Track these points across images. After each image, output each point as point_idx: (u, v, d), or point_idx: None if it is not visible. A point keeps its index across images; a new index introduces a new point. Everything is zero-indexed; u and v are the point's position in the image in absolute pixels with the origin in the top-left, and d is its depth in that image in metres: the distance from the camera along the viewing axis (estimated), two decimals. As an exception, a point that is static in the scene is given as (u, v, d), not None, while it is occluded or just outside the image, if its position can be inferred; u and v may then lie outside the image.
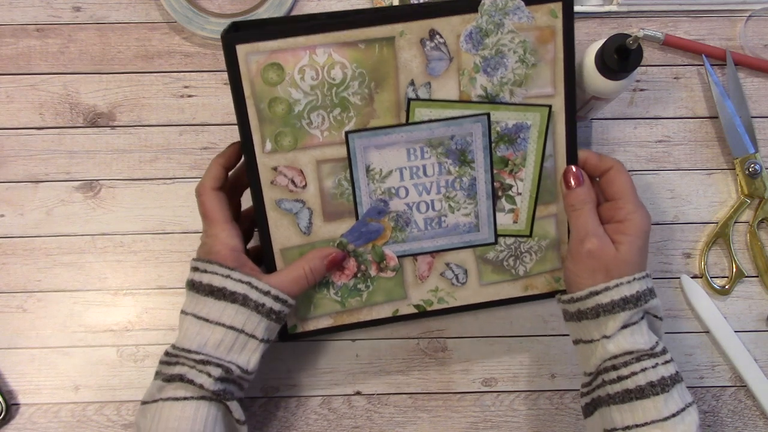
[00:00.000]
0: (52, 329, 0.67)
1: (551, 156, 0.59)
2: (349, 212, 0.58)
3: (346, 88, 0.56)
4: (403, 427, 0.67)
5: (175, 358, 0.53)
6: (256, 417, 0.66)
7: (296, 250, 0.59)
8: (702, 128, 0.71)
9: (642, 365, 0.52)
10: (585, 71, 0.59)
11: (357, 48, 0.55)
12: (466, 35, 0.56)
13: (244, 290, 0.54)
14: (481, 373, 0.68)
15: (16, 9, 0.70)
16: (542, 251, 0.61)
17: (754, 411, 0.68)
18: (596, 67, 0.58)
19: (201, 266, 0.54)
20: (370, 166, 0.58)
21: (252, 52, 0.54)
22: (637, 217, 0.55)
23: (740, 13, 0.72)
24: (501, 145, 0.59)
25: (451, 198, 0.60)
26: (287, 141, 0.56)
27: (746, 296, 0.69)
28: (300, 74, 0.55)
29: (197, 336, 0.53)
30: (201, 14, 0.69)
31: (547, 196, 0.60)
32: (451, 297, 0.62)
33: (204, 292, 0.54)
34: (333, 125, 0.56)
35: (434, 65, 0.56)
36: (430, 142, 0.58)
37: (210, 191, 0.56)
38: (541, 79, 0.57)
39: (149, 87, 0.70)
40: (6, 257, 0.67)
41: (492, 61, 0.57)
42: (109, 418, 0.66)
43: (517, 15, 0.56)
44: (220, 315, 0.53)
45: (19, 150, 0.69)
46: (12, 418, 0.65)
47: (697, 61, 0.72)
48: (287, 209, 0.58)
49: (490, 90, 0.57)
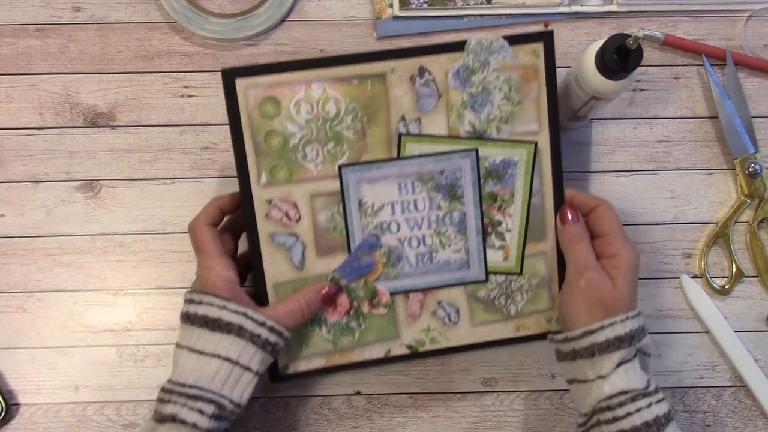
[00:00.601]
0: (52, 329, 0.67)
1: (539, 192, 0.60)
2: (342, 247, 0.59)
3: (340, 122, 0.57)
4: (403, 427, 0.67)
5: (169, 395, 0.53)
6: (256, 417, 0.66)
7: (289, 286, 0.59)
8: (702, 128, 0.71)
9: (637, 405, 0.53)
10: (585, 71, 0.59)
11: (350, 83, 0.57)
12: (454, 73, 0.58)
13: (240, 321, 0.53)
14: (481, 373, 0.68)
15: (16, 9, 0.70)
16: (533, 290, 0.62)
17: (754, 411, 0.68)
18: (596, 67, 0.58)
19: (196, 298, 0.54)
20: (362, 200, 0.59)
21: (250, 86, 0.56)
22: (627, 251, 0.56)
23: (740, 13, 0.72)
24: (489, 180, 0.60)
25: (441, 233, 0.60)
26: (282, 174, 0.57)
27: (746, 296, 0.69)
28: (296, 108, 0.57)
29: (192, 370, 0.53)
30: (201, 14, 0.69)
31: (536, 233, 0.61)
32: (443, 337, 0.62)
33: (199, 324, 0.54)
34: (327, 159, 0.58)
35: (424, 101, 0.58)
36: (421, 176, 0.59)
37: (204, 225, 0.57)
38: (526, 116, 0.59)
39: (149, 87, 0.70)
40: (6, 257, 0.67)
41: (479, 98, 0.59)
42: (109, 418, 0.66)
43: (501, 54, 0.58)
44: (216, 346, 0.53)
45: (19, 150, 0.69)
46: (12, 418, 0.65)
47: (697, 61, 0.72)
48: (281, 243, 0.58)
49: (477, 126, 0.59)
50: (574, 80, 0.61)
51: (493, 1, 0.71)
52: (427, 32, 0.71)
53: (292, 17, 0.71)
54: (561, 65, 0.71)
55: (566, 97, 0.64)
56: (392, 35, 0.71)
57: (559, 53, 0.71)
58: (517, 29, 0.72)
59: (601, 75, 0.58)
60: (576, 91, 0.62)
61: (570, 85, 0.63)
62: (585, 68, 0.59)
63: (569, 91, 0.63)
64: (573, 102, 0.63)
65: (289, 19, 0.71)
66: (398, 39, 0.71)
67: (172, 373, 0.54)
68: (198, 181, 0.69)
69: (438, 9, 0.70)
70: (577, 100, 0.63)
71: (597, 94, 0.60)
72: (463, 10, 0.71)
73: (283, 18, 0.71)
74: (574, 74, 0.62)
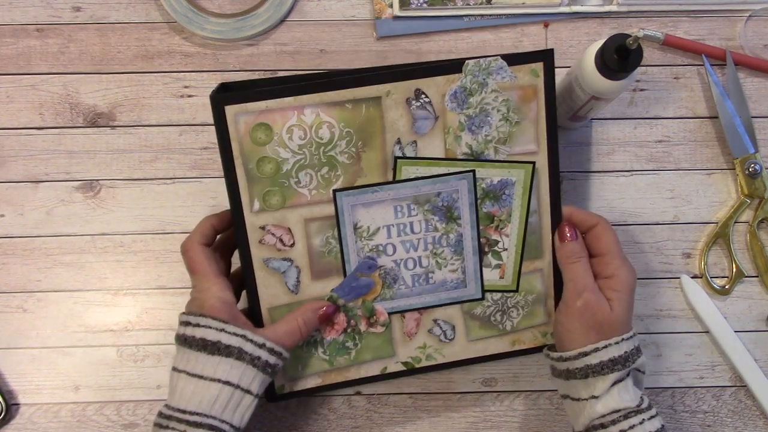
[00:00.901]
0: (52, 329, 0.67)
1: (536, 212, 0.60)
2: (337, 270, 0.58)
3: (334, 147, 0.56)
4: (403, 427, 0.67)
5: (167, 420, 0.52)
6: (256, 417, 0.66)
7: (284, 309, 0.58)
8: (702, 128, 0.71)
9: (630, 422, 0.53)
10: (585, 71, 0.59)
11: (344, 108, 0.55)
12: (451, 95, 0.57)
13: (239, 343, 0.52)
14: (481, 373, 0.68)
15: (16, 9, 0.70)
16: (529, 306, 0.62)
17: (754, 411, 0.68)
18: (596, 67, 0.58)
19: (193, 320, 0.53)
20: (357, 224, 0.58)
21: (240, 112, 0.54)
22: (624, 272, 0.56)
23: (740, 13, 0.72)
24: (486, 201, 0.59)
25: (438, 254, 0.60)
26: (275, 200, 0.56)
27: (746, 296, 0.69)
28: (288, 134, 0.55)
29: (192, 395, 0.52)
30: (201, 14, 0.69)
31: (533, 251, 0.61)
32: (439, 354, 0.62)
33: (197, 347, 0.52)
34: (321, 184, 0.57)
35: (420, 124, 0.57)
36: (417, 199, 0.58)
37: (197, 246, 0.56)
38: (524, 136, 0.58)
39: (149, 87, 0.70)
40: (6, 257, 0.67)
41: (476, 119, 0.58)
42: (109, 418, 0.66)
43: (500, 74, 0.57)
44: (215, 370, 0.52)
45: (19, 150, 0.69)
46: (12, 418, 0.65)
47: (697, 61, 0.72)
48: (275, 268, 0.58)
49: (475, 147, 0.58)
50: (574, 80, 0.61)
51: (493, 1, 0.71)
52: (427, 32, 0.71)
53: (292, 17, 0.71)
54: (561, 65, 0.71)
55: (566, 96, 0.64)
56: (392, 35, 0.71)
57: (560, 53, 0.72)
58: (516, 29, 0.72)
59: (601, 75, 0.58)
60: (576, 91, 0.62)
61: (570, 85, 0.63)
62: (585, 68, 0.59)
63: (569, 91, 0.63)
64: (573, 102, 0.63)
65: (289, 19, 0.71)
66: (398, 39, 0.71)
67: (170, 397, 0.53)
68: (198, 181, 0.69)
69: (438, 9, 0.70)
70: (577, 100, 0.63)
71: (597, 94, 0.60)
72: (463, 10, 0.71)
73: (283, 18, 0.71)
74: (574, 74, 0.62)
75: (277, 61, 0.70)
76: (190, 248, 0.56)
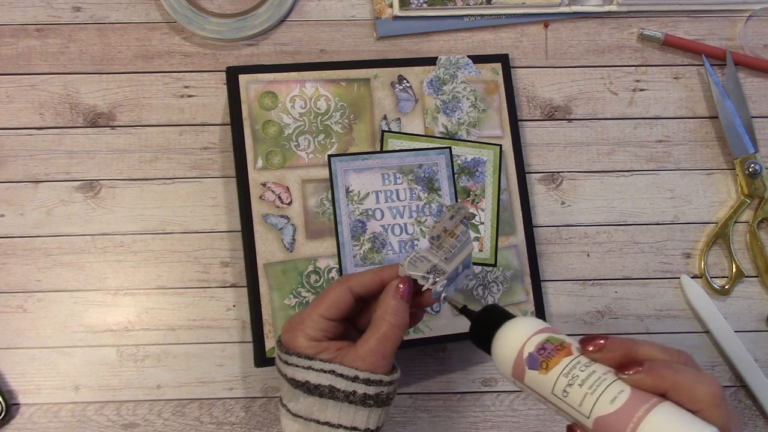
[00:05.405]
0: (52, 329, 0.67)
1: (506, 190, 0.67)
2: (330, 231, 0.64)
3: (330, 117, 0.65)
4: (403, 427, 0.67)
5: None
6: (256, 417, 0.66)
7: (279, 266, 0.62)
8: (702, 128, 0.71)
9: None
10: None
11: (339, 85, 0.66)
12: (428, 82, 0.68)
13: (329, 381, 0.48)
14: (481, 373, 0.68)
15: (16, 9, 0.70)
16: (507, 282, 0.66)
17: (754, 411, 0.68)
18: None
19: (282, 356, 0.50)
20: (349, 188, 0.65)
21: (252, 81, 0.65)
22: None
23: (740, 13, 0.72)
24: (462, 176, 0.67)
25: (422, 222, 0.65)
26: (277, 159, 0.64)
27: (746, 296, 0.69)
28: (291, 103, 0.65)
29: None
30: (201, 14, 0.69)
31: (506, 227, 0.67)
32: (425, 326, 0.64)
33: (294, 385, 0.49)
34: (317, 149, 0.65)
35: (403, 104, 0.67)
36: (402, 169, 0.66)
37: (346, 288, 0.50)
38: (490, 122, 0.68)
39: (149, 87, 0.70)
40: (6, 257, 0.67)
41: (450, 104, 0.68)
42: (109, 418, 0.66)
43: (467, 69, 0.68)
44: (311, 411, 0.48)
45: (19, 150, 0.69)
46: (12, 418, 0.65)
47: (697, 61, 0.72)
48: (273, 224, 0.63)
49: (450, 128, 0.67)
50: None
51: (493, 1, 0.71)
52: (427, 32, 0.71)
53: (292, 17, 0.71)
54: (561, 65, 0.71)
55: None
56: (392, 35, 0.71)
57: (560, 53, 0.72)
58: (516, 29, 0.72)
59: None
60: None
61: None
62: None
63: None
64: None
65: (288, 19, 0.71)
66: (398, 39, 0.71)
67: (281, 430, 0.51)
68: (198, 181, 0.69)
69: (438, 9, 0.70)
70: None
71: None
72: (463, 10, 0.71)
73: (282, 18, 0.71)
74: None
75: (277, 61, 0.70)
76: (342, 282, 0.50)
